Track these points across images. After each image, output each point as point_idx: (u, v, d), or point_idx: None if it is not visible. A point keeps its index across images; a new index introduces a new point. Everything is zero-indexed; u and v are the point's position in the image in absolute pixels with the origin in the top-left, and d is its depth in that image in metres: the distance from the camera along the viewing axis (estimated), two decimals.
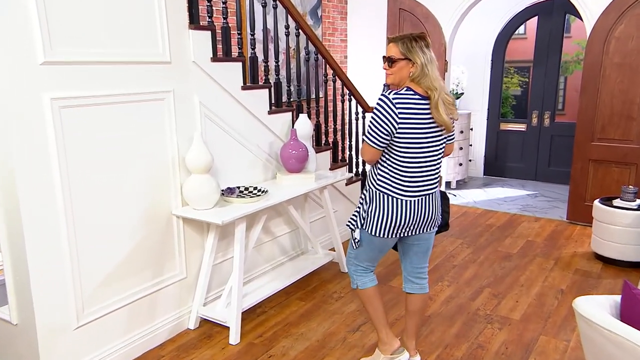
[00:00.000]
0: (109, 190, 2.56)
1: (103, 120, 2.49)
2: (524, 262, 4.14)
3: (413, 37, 2.29)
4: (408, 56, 2.27)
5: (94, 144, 2.46)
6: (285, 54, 3.94)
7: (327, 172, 4.09)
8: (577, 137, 4.95)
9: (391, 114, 2.22)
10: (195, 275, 3.13)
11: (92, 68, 2.42)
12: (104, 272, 2.61)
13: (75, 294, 2.47)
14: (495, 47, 6.92)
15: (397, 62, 2.29)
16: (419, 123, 2.25)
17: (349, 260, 2.59)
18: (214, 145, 3.12)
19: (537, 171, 7.06)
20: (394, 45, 2.31)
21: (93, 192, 2.49)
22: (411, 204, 2.34)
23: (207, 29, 3.03)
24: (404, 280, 2.63)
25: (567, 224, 5.13)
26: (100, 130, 2.48)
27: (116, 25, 2.50)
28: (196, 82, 2.98)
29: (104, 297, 2.62)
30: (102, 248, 2.57)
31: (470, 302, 3.44)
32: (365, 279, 2.56)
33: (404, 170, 2.31)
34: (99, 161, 2.50)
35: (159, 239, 2.87)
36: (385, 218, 2.34)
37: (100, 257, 2.57)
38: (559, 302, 3.44)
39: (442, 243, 4.57)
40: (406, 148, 2.27)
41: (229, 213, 2.85)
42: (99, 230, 2.55)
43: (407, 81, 2.30)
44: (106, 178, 2.54)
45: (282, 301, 3.46)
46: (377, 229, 2.37)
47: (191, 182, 2.87)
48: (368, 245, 2.45)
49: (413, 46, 2.27)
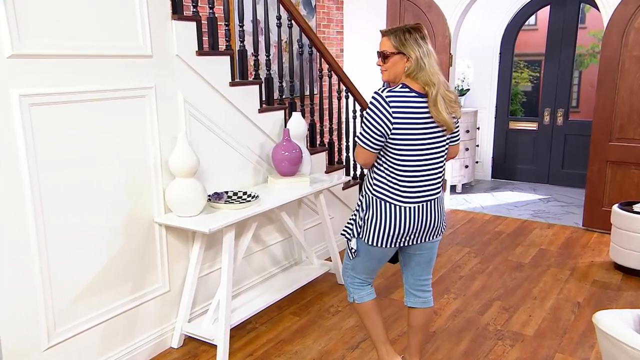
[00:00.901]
0: (84, 196, 2.54)
1: (78, 120, 2.47)
2: (536, 273, 4.14)
3: (406, 28, 2.28)
4: (402, 50, 2.26)
5: (67, 145, 2.44)
6: (276, 47, 3.93)
7: (322, 175, 4.09)
8: (593, 137, 4.97)
9: (385, 113, 2.21)
10: (179, 288, 3.10)
11: (66, 62, 2.39)
12: (78, 286, 2.58)
13: (46, 311, 2.44)
14: (503, 39, 6.95)
15: (390, 57, 2.28)
16: (417, 123, 2.24)
17: (345, 271, 2.58)
18: (199, 147, 3.11)
19: (549, 174, 7.08)
20: (386, 39, 2.31)
21: (66, 198, 2.47)
22: (411, 210, 2.32)
23: (192, 20, 3.01)
24: (406, 293, 2.62)
25: (583, 231, 5.13)
26: (74, 130, 2.46)
27: (92, 16, 2.48)
28: (180, 78, 2.96)
29: (78, 313, 2.59)
30: (76, 259, 2.54)
31: (479, 317, 3.43)
32: (363, 292, 2.56)
33: (401, 174, 2.29)
34: (73, 164, 2.47)
35: (139, 249, 2.85)
36: (383, 226, 2.32)
37: (74, 269, 2.54)
38: (576, 316, 3.44)
39: (448, 252, 4.57)
40: (403, 150, 2.26)
41: (216, 220, 2.84)
42: (72, 240, 2.52)
43: (402, 77, 2.29)
44: (81, 183, 2.52)
45: (274, 316, 3.44)
46: (375, 238, 2.35)
47: (175, 187, 2.85)
48: (365, 256, 2.44)
49: (407, 39, 2.26)
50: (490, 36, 6.95)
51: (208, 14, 3.31)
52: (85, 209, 2.56)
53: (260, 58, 3.74)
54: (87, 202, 2.56)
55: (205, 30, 3.29)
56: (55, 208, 2.42)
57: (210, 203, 3.05)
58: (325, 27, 6.12)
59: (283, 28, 3.93)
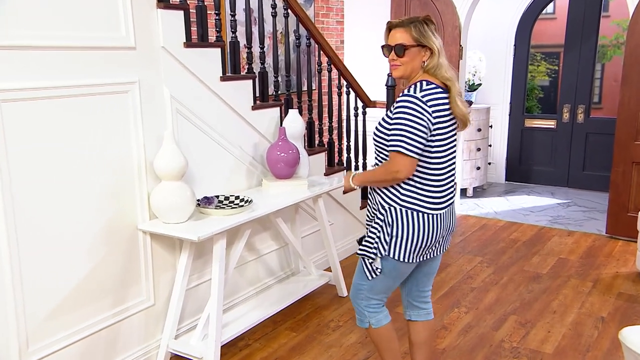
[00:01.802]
0: (60, 201, 2.53)
1: (53, 118, 2.46)
2: (555, 285, 4.13)
3: (423, 20, 2.31)
4: (423, 42, 2.28)
5: (41, 146, 2.43)
6: (271, 39, 3.92)
7: (321, 177, 4.09)
8: (617, 136, 4.97)
9: (426, 115, 2.21)
10: (165, 302, 3.09)
11: (39, 54, 2.38)
12: (54, 300, 2.56)
13: (18, 328, 2.42)
14: (518, 30, 6.96)
15: (409, 49, 2.28)
16: (445, 122, 2.29)
17: (358, 293, 2.51)
18: (187, 147, 3.10)
19: (569, 176, 7.08)
20: (403, 30, 2.30)
21: (41, 203, 2.46)
22: (440, 217, 2.35)
23: (179, 9, 3.01)
24: (407, 306, 2.63)
25: (606, 239, 5.13)
26: (49, 129, 2.45)
27: (67, 3, 2.47)
28: (166, 72, 2.96)
29: (53, 330, 2.57)
30: (51, 271, 2.53)
31: (493, 332, 3.42)
32: (380, 315, 2.53)
33: (433, 178, 2.31)
34: (48, 167, 2.46)
35: (121, 259, 2.84)
36: (415, 239, 2.31)
37: (50, 281, 2.53)
38: (600, 332, 3.43)
39: (458, 262, 4.56)
40: (436, 152, 2.29)
41: (205, 227, 2.83)
42: (48, 250, 2.51)
43: (419, 73, 2.31)
44: (57, 187, 2.51)
45: (268, 332, 3.43)
46: (407, 253, 2.33)
47: (161, 191, 2.84)
48: (390, 274, 2.41)
49: (426, 30, 2.29)
50: (504, 26, 6.95)
51: (197, 2, 3.31)
52: (62, 215, 2.54)
53: (253, 50, 3.74)
54: (64, 208, 2.55)
55: (193, 20, 3.30)
56: (28, 214, 2.41)
57: (200, 208, 3.04)
58: (325, 16, 6.12)
59: (278, 18, 3.92)
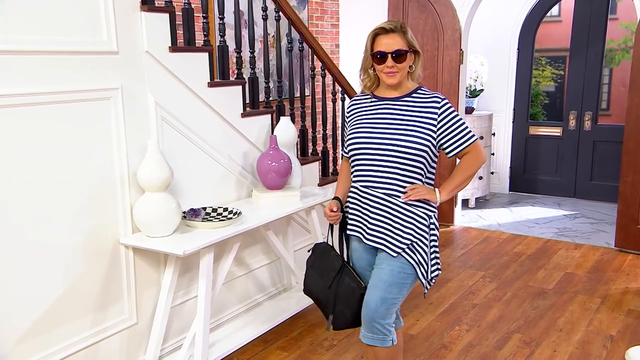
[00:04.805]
0: (36, 214, 2.52)
1: (28, 126, 2.46)
2: (562, 301, 4.13)
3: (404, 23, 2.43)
4: (415, 47, 2.39)
5: (16, 155, 2.43)
6: (262, 43, 3.94)
7: (315, 188, 4.10)
8: (625, 144, 4.98)
9: None
10: (149, 320, 3.09)
11: (14, 59, 2.38)
12: (29, 320, 2.55)
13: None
14: (522, 33, 6.99)
15: (406, 55, 2.37)
16: None
17: (391, 308, 2.41)
18: (173, 156, 3.11)
19: (576, 186, 7.10)
20: (398, 35, 2.36)
21: (15, 217, 2.45)
22: None
23: (165, 11, 3.03)
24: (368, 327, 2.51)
25: (615, 252, 5.14)
26: (25, 138, 2.45)
27: (46, 5, 2.48)
28: (151, 78, 2.97)
29: (28, 353, 2.56)
30: (26, 288, 2.52)
31: (496, 352, 3.42)
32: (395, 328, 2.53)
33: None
34: (21, 178, 2.46)
35: (102, 275, 2.84)
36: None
37: (24, 300, 2.52)
38: (608, 351, 3.43)
39: (459, 276, 4.56)
40: None
41: (192, 241, 2.83)
42: (22, 265, 2.50)
43: (406, 78, 2.43)
44: (32, 200, 2.51)
45: (258, 352, 3.43)
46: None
47: (144, 203, 2.85)
48: (413, 284, 2.48)
49: (412, 34, 2.41)
50: (507, 29, 6.99)
51: (183, 4, 3.32)
52: (37, 229, 2.54)
53: (243, 55, 3.75)
54: (40, 221, 2.54)
55: (180, 23, 3.30)
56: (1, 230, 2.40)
57: (186, 221, 3.04)
58: (319, 19, 6.15)
59: (270, 21, 3.94)
